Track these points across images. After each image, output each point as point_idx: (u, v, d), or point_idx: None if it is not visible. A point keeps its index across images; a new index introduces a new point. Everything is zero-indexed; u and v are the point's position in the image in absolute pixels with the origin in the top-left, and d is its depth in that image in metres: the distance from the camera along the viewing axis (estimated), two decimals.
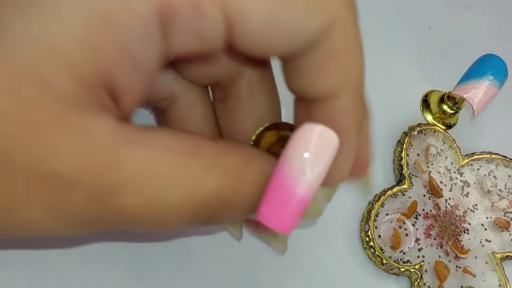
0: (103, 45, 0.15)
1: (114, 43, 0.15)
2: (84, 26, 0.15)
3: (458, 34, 0.37)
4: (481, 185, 0.31)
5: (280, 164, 0.17)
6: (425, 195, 0.30)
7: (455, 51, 0.36)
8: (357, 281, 0.28)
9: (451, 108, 0.32)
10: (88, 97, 0.16)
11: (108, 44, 0.15)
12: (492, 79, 0.30)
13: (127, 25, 0.15)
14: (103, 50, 0.15)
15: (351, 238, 0.29)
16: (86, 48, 0.15)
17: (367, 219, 0.29)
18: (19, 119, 0.15)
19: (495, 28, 0.38)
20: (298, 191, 0.17)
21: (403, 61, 0.35)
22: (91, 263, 0.25)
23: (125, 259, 0.26)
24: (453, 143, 0.32)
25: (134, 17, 0.15)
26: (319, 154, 0.17)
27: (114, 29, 0.15)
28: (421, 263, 0.28)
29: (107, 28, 0.15)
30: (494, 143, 0.33)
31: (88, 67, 0.15)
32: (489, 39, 0.37)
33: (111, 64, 0.16)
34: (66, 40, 0.15)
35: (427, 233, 0.29)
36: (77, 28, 0.15)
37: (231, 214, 0.18)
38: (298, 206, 0.17)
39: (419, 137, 0.31)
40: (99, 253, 0.26)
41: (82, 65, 0.15)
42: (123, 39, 0.15)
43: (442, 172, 0.31)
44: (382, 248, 0.28)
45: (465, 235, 0.30)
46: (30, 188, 0.15)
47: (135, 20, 0.15)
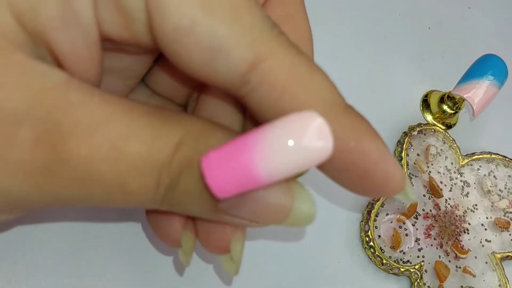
0: (41, 5, 0.15)
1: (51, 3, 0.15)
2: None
3: (458, 34, 0.37)
4: (481, 185, 0.31)
5: (257, 130, 0.15)
6: (425, 195, 0.30)
7: (455, 51, 0.36)
8: (357, 281, 0.28)
9: (451, 108, 0.32)
10: (33, 45, 0.15)
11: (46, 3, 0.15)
12: (492, 79, 0.30)
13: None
14: (42, 7, 0.15)
15: (351, 238, 0.29)
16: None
17: (367, 219, 0.29)
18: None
19: (495, 28, 0.38)
20: (255, 168, 0.15)
21: (403, 61, 0.35)
22: (91, 264, 0.25)
23: (125, 259, 0.26)
24: (453, 143, 0.31)
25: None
26: (303, 148, 0.15)
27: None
28: (421, 263, 0.28)
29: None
30: (494, 143, 0.33)
31: (30, 16, 0.15)
32: (489, 39, 0.37)
33: (48, 22, 0.15)
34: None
35: (427, 233, 0.29)
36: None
37: (193, 183, 0.17)
38: (246, 180, 0.15)
39: (419, 137, 0.31)
40: (99, 254, 0.26)
41: (25, 12, 0.15)
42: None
43: (442, 172, 0.31)
44: (382, 248, 0.28)
45: (465, 235, 0.29)
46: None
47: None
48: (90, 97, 0.16)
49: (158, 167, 0.16)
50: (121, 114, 0.16)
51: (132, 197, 0.17)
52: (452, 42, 0.36)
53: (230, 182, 0.15)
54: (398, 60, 0.35)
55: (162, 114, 0.17)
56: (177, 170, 0.16)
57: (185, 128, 0.17)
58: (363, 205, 0.30)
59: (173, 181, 0.17)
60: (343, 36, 0.34)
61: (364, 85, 0.33)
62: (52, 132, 0.15)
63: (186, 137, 0.16)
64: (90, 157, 0.15)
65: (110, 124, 0.16)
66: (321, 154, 0.15)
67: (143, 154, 0.16)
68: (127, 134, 0.16)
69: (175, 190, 0.17)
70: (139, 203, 0.17)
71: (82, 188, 0.16)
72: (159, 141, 0.16)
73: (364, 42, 0.34)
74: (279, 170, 0.15)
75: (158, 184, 0.16)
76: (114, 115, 0.16)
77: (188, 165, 0.16)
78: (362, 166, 0.17)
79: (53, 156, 0.15)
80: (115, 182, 0.16)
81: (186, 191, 0.17)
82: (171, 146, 0.16)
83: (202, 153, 0.16)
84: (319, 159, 0.15)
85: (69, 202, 0.17)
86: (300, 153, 0.15)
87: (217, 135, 0.17)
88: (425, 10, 0.37)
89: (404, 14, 0.36)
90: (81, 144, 0.15)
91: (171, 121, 0.17)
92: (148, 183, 0.16)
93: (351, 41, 0.34)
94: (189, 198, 0.17)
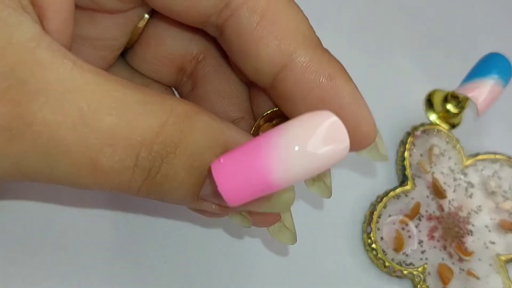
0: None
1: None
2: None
3: (462, 33, 0.36)
4: (485, 186, 0.31)
5: (271, 133, 0.15)
6: (428, 196, 0.30)
7: (459, 49, 0.36)
8: (359, 283, 0.28)
9: (455, 108, 0.32)
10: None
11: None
12: (496, 78, 0.29)
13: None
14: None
15: (352, 240, 0.29)
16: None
17: (369, 221, 0.28)
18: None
19: (500, 26, 0.37)
20: (270, 174, 0.14)
21: (406, 60, 0.35)
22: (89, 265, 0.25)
23: (123, 261, 0.26)
24: (456, 143, 0.31)
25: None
26: (320, 152, 0.14)
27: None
28: (424, 266, 0.28)
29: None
30: (498, 143, 0.33)
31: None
32: (493, 38, 0.37)
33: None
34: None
35: (430, 235, 0.29)
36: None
37: (178, 168, 0.16)
38: (260, 187, 0.15)
39: (422, 137, 0.31)
40: (97, 256, 0.25)
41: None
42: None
43: (446, 172, 0.30)
44: (385, 250, 0.28)
45: (469, 237, 0.29)
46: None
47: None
48: (62, 60, 0.15)
49: (137, 146, 0.15)
50: (96, 83, 0.15)
51: (104, 178, 0.15)
52: (456, 40, 0.36)
53: (243, 189, 0.15)
54: (401, 59, 0.34)
55: (145, 92, 0.16)
56: (160, 153, 0.16)
57: (170, 109, 0.16)
58: (365, 207, 0.29)
59: (155, 164, 0.16)
60: (344, 35, 0.34)
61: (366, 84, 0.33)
62: (16, 89, 0.14)
63: (171, 119, 0.16)
64: (57, 123, 0.14)
65: (81, 92, 0.15)
66: (339, 155, 0.14)
67: (119, 130, 0.15)
68: (101, 105, 0.15)
69: (156, 175, 0.16)
70: (112, 186, 0.16)
71: (46, 158, 0.15)
72: (141, 118, 0.15)
73: (366, 40, 0.34)
74: (295, 175, 0.14)
75: (135, 165, 0.15)
76: (87, 83, 0.15)
77: (174, 146, 0.16)
78: (334, 105, 0.17)
79: (16, 116, 0.14)
80: (84, 156, 0.15)
81: (169, 177, 0.16)
82: (154, 126, 0.15)
83: (187, 137, 0.16)
84: (337, 160, 0.14)
85: (31, 174, 0.15)
86: (317, 156, 0.14)
87: (202, 118, 0.16)
88: (428, 9, 0.37)
89: (407, 12, 0.36)
90: (47, 108, 0.14)
91: (155, 100, 0.16)
92: (124, 163, 0.15)
93: (353, 40, 0.34)
94: (171, 185, 0.16)
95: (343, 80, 0.18)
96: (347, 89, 0.18)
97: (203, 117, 0.16)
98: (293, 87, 0.18)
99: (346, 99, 0.18)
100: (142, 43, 0.22)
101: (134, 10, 0.21)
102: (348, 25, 0.35)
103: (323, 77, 0.18)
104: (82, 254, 0.25)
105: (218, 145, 0.16)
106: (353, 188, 0.29)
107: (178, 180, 0.16)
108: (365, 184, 0.30)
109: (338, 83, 0.18)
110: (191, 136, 0.16)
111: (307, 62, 0.18)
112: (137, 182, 0.16)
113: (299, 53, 0.17)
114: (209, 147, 0.16)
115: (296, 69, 0.18)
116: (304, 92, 0.18)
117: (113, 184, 0.16)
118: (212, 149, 0.16)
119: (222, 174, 0.15)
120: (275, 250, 0.28)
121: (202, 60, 0.22)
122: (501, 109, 0.33)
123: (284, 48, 0.17)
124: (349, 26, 0.35)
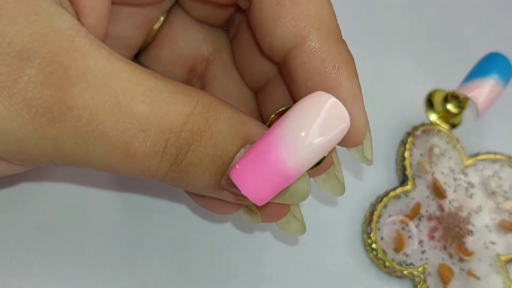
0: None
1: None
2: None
3: (463, 32, 0.36)
4: (486, 186, 0.31)
5: (276, 126, 0.16)
6: (428, 196, 0.29)
7: (459, 49, 0.36)
8: (359, 284, 0.28)
9: (455, 108, 0.32)
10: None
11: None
12: (497, 78, 0.29)
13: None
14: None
15: (352, 240, 0.29)
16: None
17: (369, 221, 0.28)
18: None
19: (501, 26, 0.37)
20: (284, 165, 0.15)
21: (406, 60, 0.34)
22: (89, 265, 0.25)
23: (122, 260, 0.26)
24: (457, 143, 0.31)
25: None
26: (324, 132, 0.15)
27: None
28: (424, 266, 0.28)
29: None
30: (498, 143, 0.33)
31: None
32: (494, 37, 0.37)
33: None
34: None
35: (431, 235, 0.29)
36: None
37: (203, 155, 0.16)
38: (279, 180, 0.16)
39: (422, 137, 0.31)
40: (96, 255, 0.25)
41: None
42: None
43: (446, 172, 0.30)
44: (385, 250, 0.28)
45: (469, 237, 0.29)
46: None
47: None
48: (99, 49, 0.16)
49: (166, 132, 0.16)
50: (130, 72, 0.16)
51: (136, 161, 0.16)
52: (456, 40, 0.36)
53: (264, 186, 0.16)
54: (401, 58, 0.34)
55: (173, 82, 0.17)
56: (187, 140, 0.16)
57: (197, 99, 0.16)
58: (365, 207, 0.29)
59: (182, 151, 0.16)
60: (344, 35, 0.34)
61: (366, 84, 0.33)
62: (59, 74, 0.15)
63: (197, 108, 0.16)
64: (96, 107, 0.15)
65: (118, 79, 0.15)
66: (341, 132, 0.15)
67: (152, 117, 0.16)
68: (135, 92, 0.16)
69: (183, 161, 0.17)
70: (142, 170, 0.17)
71: (84, 141, 0.16)
72: (170, 107, 0.16)
73: (366, 40, 0.34)
74: (307, 160, 0.15)
75: (164, 151, 0.16)
76: (123, 72, 0.16)
77: (200, 134, 0.16)
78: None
79: (58, 99, 0.15)
80: (118, 140, 0.16)
81: (194, 163, 0.17)
82: (183, 114, 0.16)
83: (212, 126, 0.16)
84: (340, 138, 0.15)
85: (69, 157, 0.16)
86: (322, 138, 0.15)
87: (226, 109, 0.17)
88: (429, 8, 0.37)
89: (408, 11, 0.36)
90: (87, 93, 0.15)
91: (182, 90, 0.16)
92: (154, 148, 0.16)
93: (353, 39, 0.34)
94: (196, 172, 0.17)
95: (346, 75, 0.18)
96: (347, 84, 0.18)
97: (226, 108, 0.17)
98: (299, 68, 0.18)
99: (344, 93, 0.18)
100: (156, 44, 0.23)
101: (157, 6, 0.21)
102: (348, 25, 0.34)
103: (328, 67, 0.18)
104: (82, 254, 0.25)
105: (240, 135, 0.17)
106: (353, 188, 0.29)
107: (203, 167, 0.17)
108: (365, 184, 0.30)
109: (340, 76, 0.18)
110: (215, 125, 0.16)
111: (316, 48, 0.18)
112: (164, 167, 0.17)
113: (311, 37, 0.18)
114: (232, 137, 0.17)
115: (305, 52, 0.18)
116: (307, 76, 0.18)
117: (143, 168, 0.16)
118: (234, 139, 0.17)
119: (242, 179, 0.16)
120: (276, 250, 0.28)
121: (212, 62, 0.23)
122: (501, 109, 0.33)
123: (298, 30, 0.18)
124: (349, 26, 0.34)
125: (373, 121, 0.21)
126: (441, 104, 0.33)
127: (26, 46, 0.15)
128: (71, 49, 0.15)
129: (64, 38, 0.15)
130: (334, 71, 0.18)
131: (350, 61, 0.19)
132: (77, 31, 0.16)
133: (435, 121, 0.33)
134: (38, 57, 0.15)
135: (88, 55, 0.15)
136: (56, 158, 0.16)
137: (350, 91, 0.18)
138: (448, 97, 0.32)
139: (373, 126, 0.21)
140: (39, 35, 0.15)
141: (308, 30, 0.18)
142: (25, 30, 0.15)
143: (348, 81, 0.18)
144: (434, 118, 0.33)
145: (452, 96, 0.32)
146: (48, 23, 0.15)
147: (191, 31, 0.23)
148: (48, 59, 0.15)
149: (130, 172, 0.17)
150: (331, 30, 0.18)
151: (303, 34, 0.18)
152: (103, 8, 0.18)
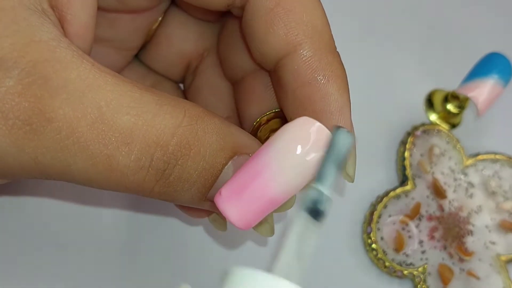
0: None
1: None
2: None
3: (463, 32, 0.36)
4: (486, 186, 0.31)
5: (262, 152, 0.15)
6: (428, 196, 0.29)
7: (460, 49, 0.36)
8: (359, 284, 0.28)
9: (455, 108, 0.32)
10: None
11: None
12: (497, 78, 0.29)
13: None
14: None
15: (352, 240, 0.29)
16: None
17: (369, 221, 0.28)
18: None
19: (501, 26, 0.37)
20: (271, 191, 0.15)
21: (406, 60, 0.34)
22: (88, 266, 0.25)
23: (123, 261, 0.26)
24: (457, 143, 0.31)
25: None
26: (311, 156, 0.15)
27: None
28: (424, 266, 0.28)
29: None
30: (498, 143, 0.33)
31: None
32: (494, 37, 0.37)
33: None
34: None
35: (431, 235, 0.29)
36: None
37: (191, 169, 0.16)
38: (265, 206, 0.15)
39: (422, 137, 0.31)
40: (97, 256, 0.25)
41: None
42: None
43: (446, 172, 0.30)
44: (385, 251, 0.28)
45: (469, 237, 0.29)
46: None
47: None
48: (81, 60, 0.15)
49: (152, 146, 0.15)
50: (114, 83, 0.15)
51: (119, 176, 0.16)
52: (456, 40, 0.36)
53: (251, 212, 0.15)
54: (401, 58, 0.34)
55: (159, 93, 0.16)
56: (175, 155, 0.16)
57: (184, 111, 0.16)
58: (365, 207, 0.29)
59: (170, 166, 0.16)
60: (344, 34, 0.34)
61: (366, 84, 0.33)
62: (38, 85, 0.14)
63: (185, 120, 0.16)
64: (77, 119, 0.15)
65: (101, 91, 0.15)
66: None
67: (137, 129, 0.15)
68: (119, 104, 0.15)
69: (170, 176, 0.16)
70: (127, 186, 0.16)
71: (64, 154, 0.15)
72: (157, 118, 0.15)
73: (366, 39, 0.34)
74: (294, 185, 0.15)
75: (149, 165, 0.16)
76: (106, 83, 0.15)
77: (187, 150, 0.16)
78: (317, 107, 0.17)
79: (37, 111, 0.14)
80: (101, 154, 0.15)
81: (183, 178, 0.16)
82: (170, 127, 0.16)
83: (201, 138, 0.16)
84: None
85: (49, 170, 0.16)
86: (309, 163, 0.15)
87: (214, 121, 0.17)
88: (429, 8, 0.37)
89: (407, 11, 0.36)
90: (68, 104, 0.15)
91: (169, 101, 0.16)
92: (138, 163, 0.15)
93: (353, 39, 0.34)
94: (183, 186, 0.16)
95: (336, 87, 0.18)
96: (336, 96, 0.18)
97: (214, 119, 0.17)
98: (288, 77, 0.18)
99: (331, 105, 0.18)
100: (154, 43, 0.23)
101: (155, 9, 0.21)
102: (348, 25, 0.35)
103: (317, 77, 0.18)
104: (82, 254, 0.25)
105: (228, 147, 0.17)
106: (353, 188, 0.29)
107: (190, 181, 0.16)
108: (365, 184, 0.30)
109: (329, 88, 0.18)
110: (204, 138, 0.16)
111: (308, 57, 0.18)
112: (150, 182, 0.16)
113: (303, 46, 0.18)
114: (220, 149, 0.16)
115: (295, 61, 0.18)
116: (296, 85, 0.18)
117: (127, 183, 0.16)
118: (223, 151, 0.16)
119: (227, 206, 0.15)
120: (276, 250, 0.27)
121: (206, 57, 0.23)
122: (501, 109, 0.33)
123: (290, 38, 0.18)
124: (349, 26, 0.34)
125: (373, 121, 0.21)
126: (441, 104, 0.33)
127: (6, 56, 0.14)
128: (52, 60, 0.15)
129: (46, 48, 0.15)
130: (324, 81, 0.18)
131: (341, 73, 0.18)
132: (59, 41, 0.15)
133: (435, 121, 0.32)
134: (17, 68, 0.14)
135: (69, 66, 0.15)
136: (35, 172, 0.16)
137: (339, 103, 0.18)
138: (448, 97, 0.32)
139: (373, 126, 0.21)
140: (19, 45, 0.15)
141: (300, 38, 0.18)
142: (5, 40, 0.14)
143: (337, 93, 0.18)
144: (434, 118, 0.33)
145: (452, 96, 0.32)
146: (29, 33, 0.15)
147: (187, 29, 0.23)
148: (27, 70, 0.14)
149: (114, 187, 0.16)
150: (324, 39, 0.18)
151: (295, 42, 0.18)
152: (88, 14, 0.17)
